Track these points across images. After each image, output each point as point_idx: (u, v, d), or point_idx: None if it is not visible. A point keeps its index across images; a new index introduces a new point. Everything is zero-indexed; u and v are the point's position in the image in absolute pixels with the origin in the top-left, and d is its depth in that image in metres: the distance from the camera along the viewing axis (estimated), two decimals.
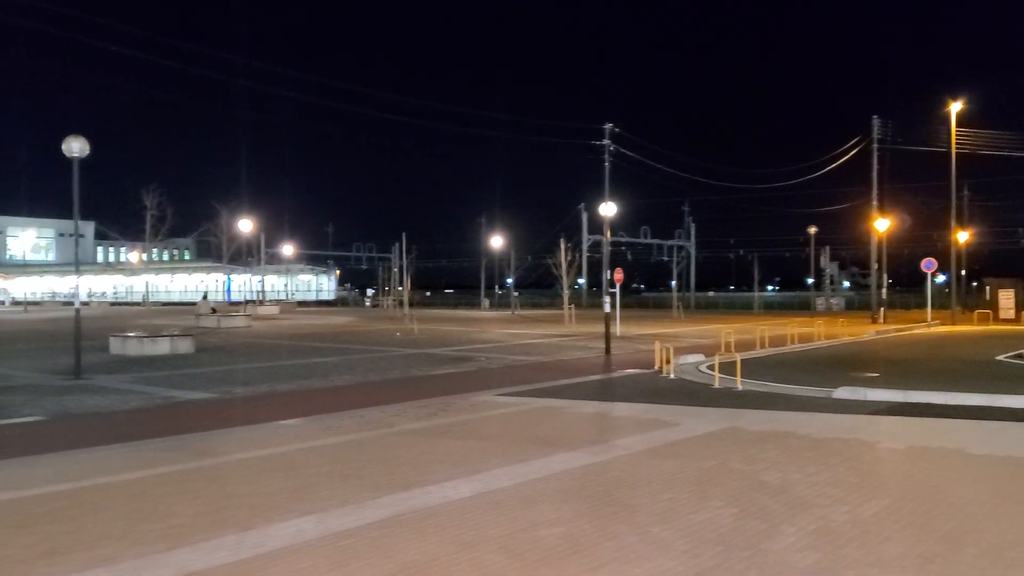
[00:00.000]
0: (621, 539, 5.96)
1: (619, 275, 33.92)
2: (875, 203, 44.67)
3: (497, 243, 72.74)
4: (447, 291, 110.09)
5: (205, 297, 64.41)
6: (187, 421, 11.81)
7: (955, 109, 41.19)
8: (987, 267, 69.78)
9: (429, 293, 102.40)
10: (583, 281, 72.96)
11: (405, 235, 56.20)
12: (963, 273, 56.73)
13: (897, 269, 64.55)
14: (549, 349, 25.42)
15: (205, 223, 49.37)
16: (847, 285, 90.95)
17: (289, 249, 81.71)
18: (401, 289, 59.64)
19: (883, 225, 44.90)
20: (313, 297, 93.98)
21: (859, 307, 61.65)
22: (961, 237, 50.39)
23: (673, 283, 72.37)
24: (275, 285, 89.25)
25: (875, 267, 45.73)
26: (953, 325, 38.31)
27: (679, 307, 57.82)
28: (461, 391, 14.80)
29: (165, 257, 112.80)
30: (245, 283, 75.48)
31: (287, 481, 7.87)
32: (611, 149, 27.64)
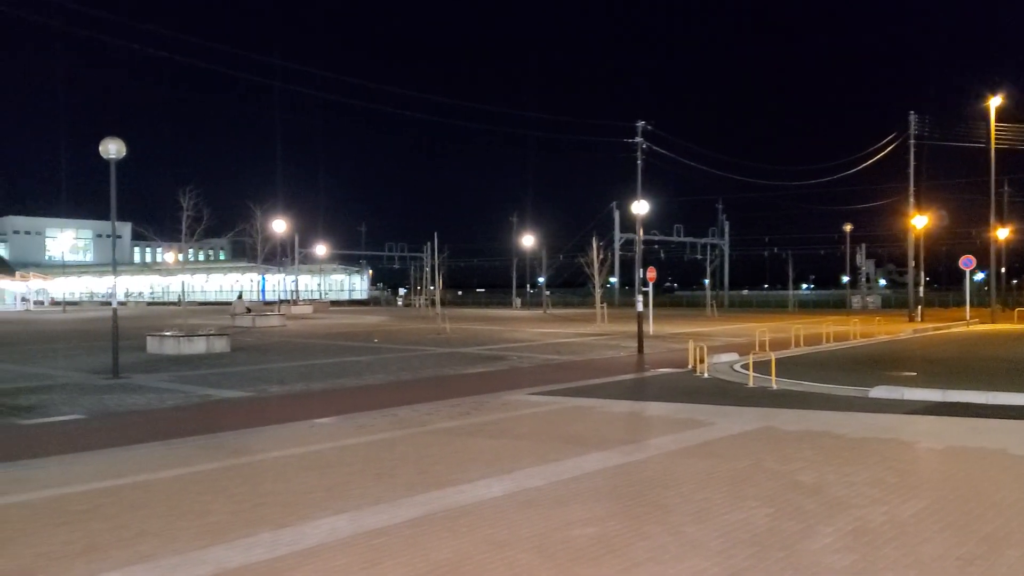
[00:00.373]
0: (655, 539, 5.93)
1: (652, 274, 33.78)
2: (912, 200, 44.07)
3: (529, 242, 72.78)
4: (479, 290, 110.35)
5: (240, 297, 65.08)
6: (223, 419, 11.94)
7: (994, 104, 40.57)
8: None
9: (461, 292, 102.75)
10: (615, 280, 72.68)
11: (437, 234, 56.23)
12: (1003, 270, 55.83)
13: (935, 266, 63.68)
14: (581, 348, 25.37)
15: (240, 223, 49.83)
16: (883, 283, 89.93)
17: (322, 249, 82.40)
18: (433, 288, 59.82)
19: (920, 222, 44.28)
20: (346, 297, 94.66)
21: (896, 305, 60.89)
22: (1001, 234, 49.49)
23: (707, 282, 71.90)
24: (309, 285, 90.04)
25: (912, 264, 45.10)
26: (992, 323, 37.68)
27: (713, 306, 57.47)
28: (493, 390, 14.82)
29: (201, 257, 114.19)
30: (279, 283, 76.18)
31: (321, 479, 7.93)
32: (644, 147, 27.49)
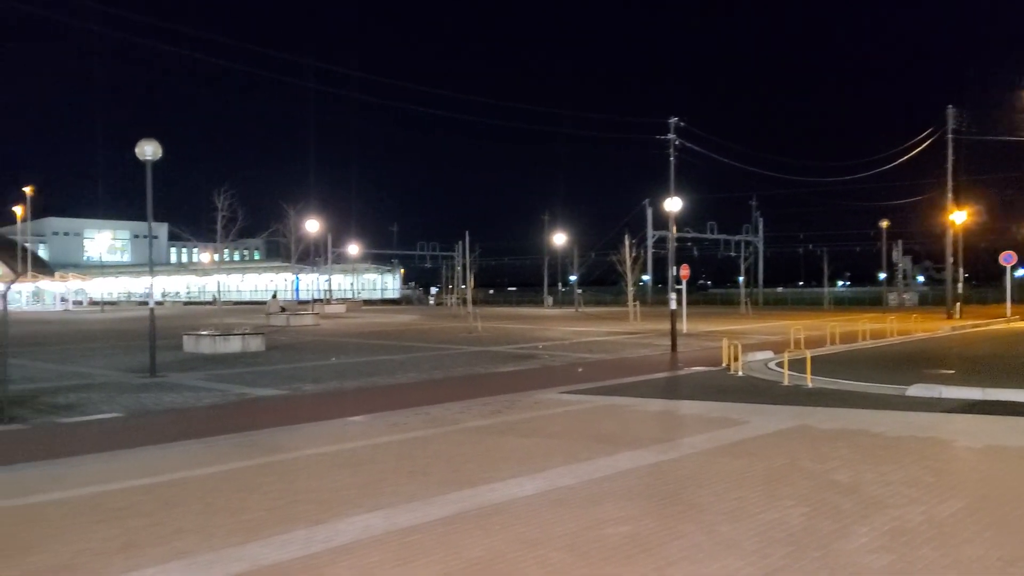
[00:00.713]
0: (689, 538, 5.90)
1: (685, 271, 33.58)
2: (950, 195, 43.39)
3: (560, 240, 72.73)
4: (510, 289, 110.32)
5: (274, 296, 65.56)
6: (258, 417, 12.06)
7: None
8: None
9: (492, 291, 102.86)
10: (648, 278, 72.42)
11: (469, 233, 56.48)
12: None
13: (974, 263, 62.45)
14: (613, 347, 25.29)
15: (274, 224, 50.44)
16: (921, 280, 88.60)
17: (355, 249, 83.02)
18: (464, 287, 59.96)
19: (959, 218, 43.59)
20: (378, 296, 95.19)
21: (933, 302, 60.00)
22: None
23: (741, 279, 71.29)
24: (341, 284, 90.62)
25: (950, 261, 44.42)
26: None
27: (747, 304, 56.97)
28: (525, 389, 14.82)
29: (236, 257, 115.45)
30: (313, 282, 76.87)
31: (354, 477, 7.98)
32: (676, 143, 27.35)
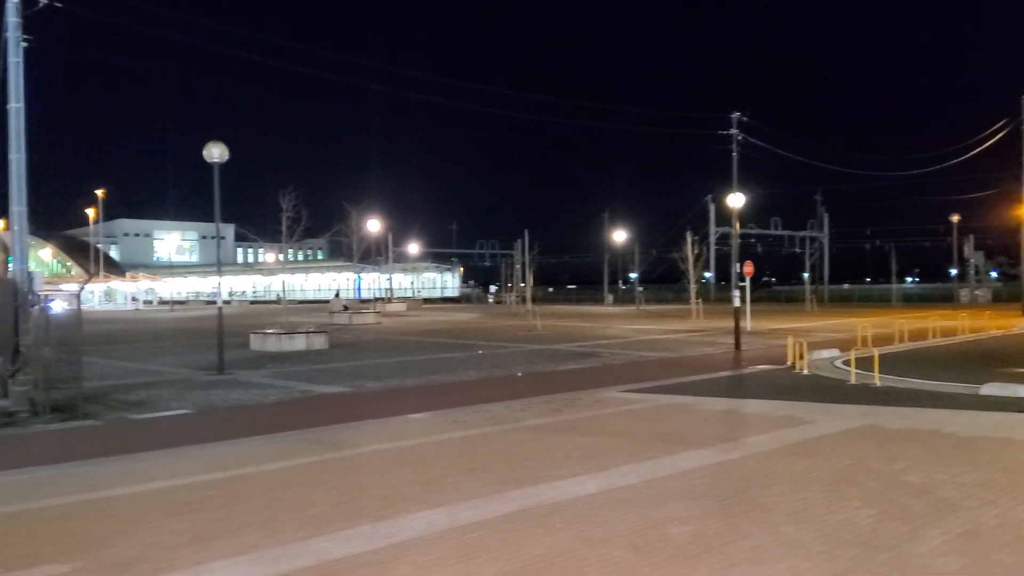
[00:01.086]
0: (753, 539, 5.81)
1: (749, 268, 33.06)
2: None
3: (620, 237, 72.24)
4: (569, 287, 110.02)
5: (337, 295, 66.49)
6: (323, 414, 12.25)
7: None
8: None
9: (551, 289, 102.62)
10: (710, 275, 71.56)
11: (528, 231, 56.48)
12: None
13: None
14: (675, 345, 25.06)
15: (337, 224, 51.15)
16: (994, 275, 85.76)
17: (415, 248, 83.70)
18: (524, 285, 60.00)
19: None
20: (438, 294, 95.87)
21: (1007, 299, 58.19)
22: None
23: (806, 276, 70.04)
24: (402, 283, 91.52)
25: None
26: None
27: (812, 301, 55.91)
28: (585, 387, 14.76)
29: (300, 257, 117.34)
30: (374, 281, 77.71)
31: (417, 474, 8.05)
32: (739, 139, 26.96)
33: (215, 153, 18.29)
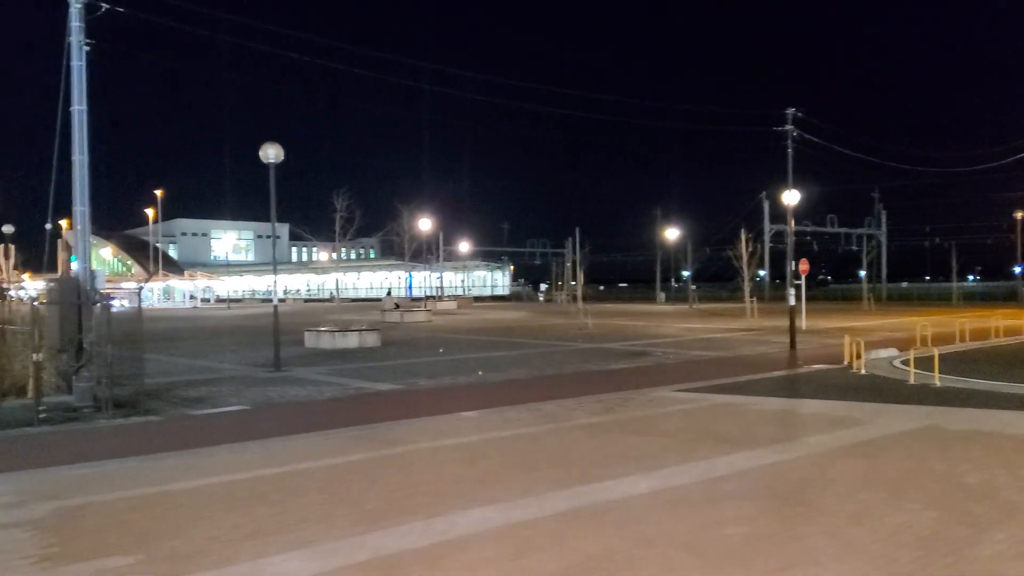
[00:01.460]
0: (809, 540, 5.74)
1: (804, 266, 32.57)
2: None
3: (673, 235, 71.64)
4: (621, 285, 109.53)
5: (389, 293, 67.14)
6: (376, 411, 12.38)
7: None
8: None
9: (603, 287, 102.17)
10: (765, 273, 70.56)
11: (579, 229, 56.31)
12: None
13: None
14: (729, 344, 24.79)
15: (389, 223, 51.76)
16: None
17: (465, 246, 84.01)
18: (574, 284, 59.85)
19: None
20: (488, 292, 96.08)
21: None
22: None
23: (863, 274, 68.69)
24: (452, 281, 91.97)
25: None
26: None
27: (869, 299, 54.83)
28: (638, 386, 14.69)
29: (353, 256, 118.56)
30: (425, 279, 78.29)
31: (469, 471, 8.09)
32: (794, 135, 26.51)
33: (271, 154, 18.58)
